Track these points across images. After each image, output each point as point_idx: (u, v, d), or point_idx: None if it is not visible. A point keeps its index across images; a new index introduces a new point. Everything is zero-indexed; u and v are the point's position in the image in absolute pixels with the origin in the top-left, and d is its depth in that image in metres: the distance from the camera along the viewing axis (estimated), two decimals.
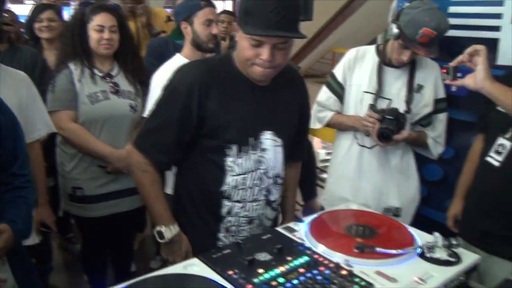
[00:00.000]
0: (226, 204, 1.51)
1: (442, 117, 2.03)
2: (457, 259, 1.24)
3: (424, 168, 2.17)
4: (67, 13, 4.27)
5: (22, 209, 1.44)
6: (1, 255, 1.36)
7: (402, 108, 1.96)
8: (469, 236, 1.70)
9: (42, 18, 2.81)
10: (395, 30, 1.87)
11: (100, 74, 2.19)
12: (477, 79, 1.44)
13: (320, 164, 4.81)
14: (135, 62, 2.32)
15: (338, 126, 2.15)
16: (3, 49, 2.39)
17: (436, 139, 2.03)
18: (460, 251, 1.28)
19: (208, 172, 1.51)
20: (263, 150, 1.50)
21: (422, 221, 2.09)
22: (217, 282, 1.10)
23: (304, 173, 3.03)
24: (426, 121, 2.04)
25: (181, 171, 1.61)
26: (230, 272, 1.14)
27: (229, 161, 1.47)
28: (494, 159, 1.62)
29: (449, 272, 1.19)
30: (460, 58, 1.49)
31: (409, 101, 1.97)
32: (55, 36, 2.83)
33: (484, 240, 1.65)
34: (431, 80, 1.99)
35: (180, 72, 1.51)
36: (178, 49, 2.28)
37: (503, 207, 1.60)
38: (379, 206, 2.04)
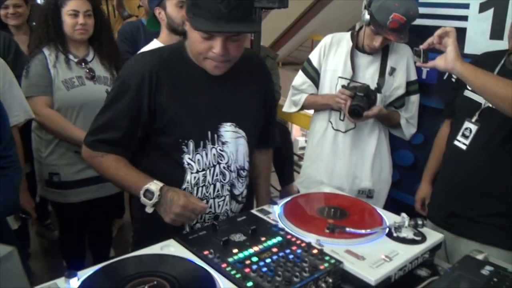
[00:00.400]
0: None
1: (414, 99, 2.10)
2: (422, 238, 1.30)
3: (395, 153, 2.24)
4: None
5: (4, 186, 1.45)
6: None
7: (378, 96, 2.01)
8: (437, 219, 1.77)
9: (7, 5, 2.75)
10: (366, 16, 1.92)
11: (75, 60, 2.19)
12: (448, 60, 1.46)
13: (299, 152, 4.88)
14: (110, 48, 2.31)
15: (313, 106, 2.19)
16: None
17: (409, 120, 2.10)
18: (425, 230, 1.33)
19: (167, 171, 1.43)
20: (224, 143, 1.45)
21: (394, 205, 2.17)
22: (193, 262, 1.13)
23: (281, 159, 3.13)
24: (399, 103, 2.10)
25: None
26: (206, 252, 1.17)
27: (186, 158, 1.41)
28: (462, 143, 1.68)
29: (414, 250, 1.24)
30: (430, 40, 1.51)
31: (380, 84, 2.03)
32: (23, 22, 2.78)
33: (452, 222, 1.72)
34: (403, 62, 2.06)
35: (130, 64, 1.44)
36: (149, 34, 2.25)
37: (469, 189, 1.67)
38: (353, 188, 2.12)
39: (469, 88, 1.69)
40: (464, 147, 1.68)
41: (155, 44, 2.14)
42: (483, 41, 1.81)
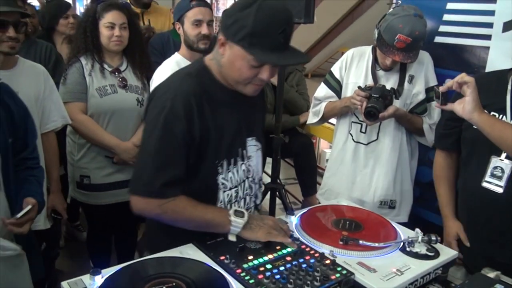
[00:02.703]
0: None
1: None
2: (435, 254, 1.32)
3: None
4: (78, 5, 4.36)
5: (36, 186, 1.59)
6: (29, 226, 1.49)
7: (398, 104, 2.04)
8: (477, 266, 1.45)
9: (68, 15, 2.92)
10: (376, 35, 1.98)
11: (109, 69, 2.30)
12: (466, 110, 1.46)
13: (325, 164, 4.91)
14: (143, 58, 2.42)
15: (333, 111, 2.22)
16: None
17: (431, 126, 2.09)
18: (439, 246, 1.35)
19: (201, 194, 1.38)
20: (249, 158, 1.49)
21: (417, 221, 2.15)
22: (209, 266, 1.19)
23: (304, 170, 3.17)
24: (420, 108, 2.10)
25: None
26: (222, 258, 1.23)
27: (220, 178, 1.41)
28: (495, 185, 1.57)
29: (426, 265, 1.27)
30: (449, 84, 1.50)
31: (399, 91, 2.05)
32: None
33: (479, 260, 1.53)
34: (422, 69, 2.07)
35: (169, 92, 1.35)
36: (178, 45, 2.34)
37: (506, 229, 1.56)
38: (374, 200, 2.14)
39: None
40: (499, 189, 1.56)
41: (175, 57, 2.24)
42: (506, 60, 1.80)
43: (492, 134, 1.47)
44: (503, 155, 1.56)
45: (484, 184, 1.59)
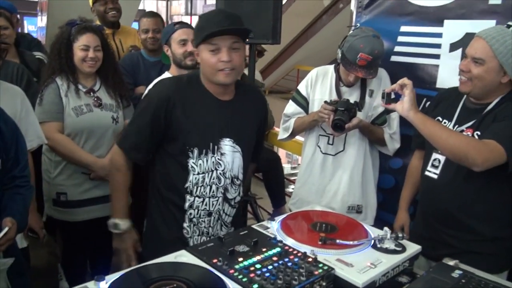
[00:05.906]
0: (189, 198, 1.77)
1: (394, 116, 2.28)
2: (402, 249, 1.48)
3: (378, 177, 2.43)
4: (27, 23, 4.22)
5: (19, 205, 1.60)
6: (7, 245, 1.50)
7: (361, 116, 2.23)
8: (432, 248, 1.78)
9: None
10: (339, 55, 2.17)
11: (84, 90, 2.36)
12: (404, 108, 1.71)
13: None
14: (115, 78, 2.49)
15: (302, 126, 2.39)
16: None
17: (392, 135, 2.30)
18: (405, 242, 1.52)
19: (174, 172, 1.77)
20: (222, 154, 1.77)
21: (380, 224, 2.33)
22: (206, 268, 1.29)
23: (273, 184, 3.32)
24: (381, 120, 2.31)
25: (153, 174, 1.86)
26: (215, 261, 1.34)
27: (191, 162, 1.74)
28: (432, 173, 1.87)
29: (395, 259, 1.43)
30: (393, 86, 1.77)
31: (361, 104, 2.26)
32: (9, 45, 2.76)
33: (434, 249, 1.78)
34: (380, 84, 2.28)
35: (155, 86, 1.86)
36: (148, 65, 2.49)
37: (445, 218, 1.81)
38: (343, 206, 2.31)
39: None
40: (435, 176, 1.85)
41: (165, 75, 2.37)
42: (454, 76, 2.02)
43: (424, 130, 1.71)
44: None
45: (426, 173, 1.90)
